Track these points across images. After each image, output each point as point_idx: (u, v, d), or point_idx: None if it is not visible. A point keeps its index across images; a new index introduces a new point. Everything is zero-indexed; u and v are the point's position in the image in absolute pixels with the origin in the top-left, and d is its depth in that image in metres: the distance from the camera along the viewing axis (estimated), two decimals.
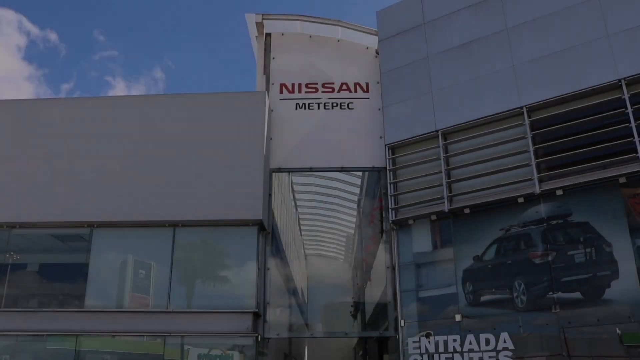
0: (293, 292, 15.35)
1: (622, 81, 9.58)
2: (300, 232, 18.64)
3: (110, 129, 12.64)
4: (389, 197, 11.63)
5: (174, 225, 11.86)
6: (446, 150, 11.23)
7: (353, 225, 17.21)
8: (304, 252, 19.68)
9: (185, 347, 11.43)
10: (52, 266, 12.97)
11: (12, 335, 11.67)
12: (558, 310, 9.60)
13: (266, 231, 11.95)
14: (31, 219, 12.13)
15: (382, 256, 12.19)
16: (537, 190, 9.91)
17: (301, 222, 18.94)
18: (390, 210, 11.57)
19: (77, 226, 12.17)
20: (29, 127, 12.87)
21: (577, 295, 9.66)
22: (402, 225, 11.57)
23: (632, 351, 10.06)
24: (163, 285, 11.63)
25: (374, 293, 13.07)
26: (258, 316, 11.23)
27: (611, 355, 10.32)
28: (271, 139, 12.81)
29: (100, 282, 11.85)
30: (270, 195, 12.28)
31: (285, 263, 14.48)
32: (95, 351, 11.97)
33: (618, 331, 9.71)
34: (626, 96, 9.47)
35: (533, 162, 10.05)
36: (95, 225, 12.07)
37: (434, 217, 11.12)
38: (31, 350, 11.76)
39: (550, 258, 9.86)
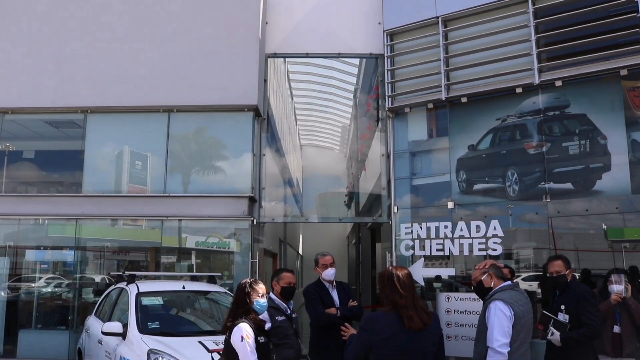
0: (288, 181, 15.54)
1: None
2: (296, 122, 18.59)
3: (101, 10, 12.13)
4: (386, 84, 11.46)
5: (168, 110, 11.72)
6: (446, 38, 10.92)
7: (349, 116, 17.14)
8: (299, 142, 19.76)
9: (183, 235, 11.72)
10: (48, 153, 12.97)
11: (14, 221, 11.89)
12: (548, 200, 9.78)
13: (262, 117, 11.86)
14: (23, 105, 11.96)
15: (377, 145, 12.22)
16: (537, 80, 9.75)
17: (297, 112, 18.84)
18: (386, 98, 11.44)
19: (70, 112, 12.02)
20: (15, 9, 12.37)
21: (568, 186, 9.82)
22: (398, 113, 11.50)
23: (615, 246, 10.43)
24: (160, 176, 11.68)
25: (369, 182, 13.24)
26: (253, 201, 11.41)
27: (595, 249, 10.70)
28: (267, 23, 12.39)
29: (96, 169, 11.90)
30: (265, 81, 12.07)
31: (280, 152, 14.53)
32: (95, 239, 12.29)
33: (604, 226, 10.00)
34: None
35: (534, 52, 9.81)
36: (89, 111, 11.93)
37: (430, 106, 11.02)
38: (33, 238, 12.05)
39: (544, 149, 9.90)
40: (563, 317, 5.20)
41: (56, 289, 12.15)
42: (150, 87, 11.64)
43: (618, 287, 5.85)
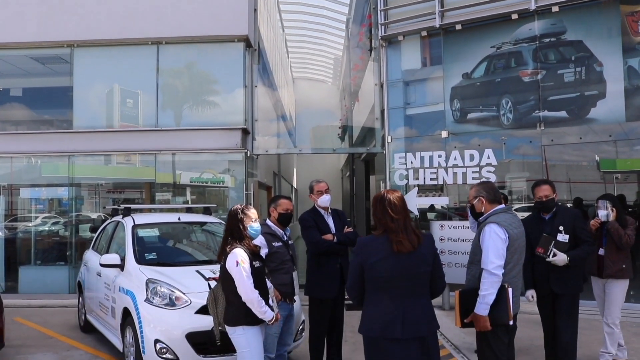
0: (282, 116, 15.45)
1: None
2: (288, 55, 18.33)
3: None
4: (379, 12, 11.16)
5: (157, 42, 11.44)
6: None
7: (341, 47, 16.88)
8: (292, 75, 19.52)
9: (177, 171, 11.69)
10: (36, 90, 12.76)
11: (6, 160, 11.82)
12: (542, 129, 9.77)
13: (252, 48, 11.61)
14: (6, 40, 11.63)
15: (370, 76, 12.06)
16: (533, 6, 9.52)
17: (288, 43, 18.52)
18: (379, 26, 11.18)
19: (56, 46, 11.75)
20: None
21: (562, 114, 9.79)
22: (391, 42, 11.27)
23: (607, 177, 10.51)
24: (151, 111, 11.53)
25: (362, 114, 13.17)
26: (246, 133, 11.33)
27: (588, 181, 10.79)
28: None
29: (86, 105, 11.73)
30: (255, 10, 11.72)
31: (272, 85, 14.35)
32: (89, 177, 12.27)
33: (597, 158, 10.03)
34: None
35: None
36: (75, 45, 11.64)
37: (424, 34, 10.80)
38: (27, 179, 12.02)
39: (539, 76, 9.81)
40: (563, 237, 5.30)
41: (53, 228, 12.24)
42: (137, 19, 11.31)
43: (602, 212, 5.94)
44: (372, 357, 3.74)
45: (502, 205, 4.52)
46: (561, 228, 5.34)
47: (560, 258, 5.25)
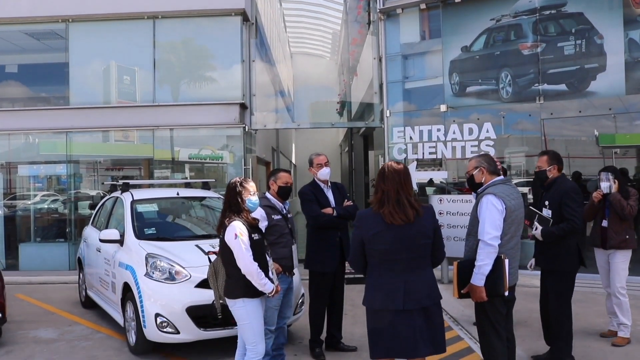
0: (280, 92, 15.36)
1: None
2: (285, 29, 18.15)
3: None
4: None
5: (153, 17, 11.29)
6: None
7: (339, 21, 16.70)
8: (290, 50, 19.35)
9: (175, 147, 11.65)
10: (31, 67, 12.65)
11: (4, 137, 11.78)
12: (542, 102, 9.72)
13: (250, 22, 11.48)
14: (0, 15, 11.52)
15: (368, 51, 11.95)
16: None
17: (286, 18, 18.32)
18: None
19: (51, 21, 11.61)
20: None
21: (562, 87, 9.74)
22: (389, 15, 11.14)
23: (606, 151, 10.50)
24: (148, 87, 11.44)
25: (360, 89, 13.09)
26: (244, 108, 11.26)
27: (587, 156, 10.78)
28: None
29: (83, 81, 11.65)
30: None
31: (270, 60, 14.24)
32: (87, 155, 12.24)
33: (596, 132, 10.01)
34: None
35: None
36: (70, 20, 11.50)
37: (423, 6, 10.68)
38: (25, 157, 11.98)
39: (539, 49, 9.73)
40: (547, 212, 5.32)
41: (52, 205, 12.24)
42: None
43: (604, 185, 5.94)
44: (376, 329, 3.76)
45: (501, 177, 4.51)
46: (547, 203, 5.35)
47: (538, 232, 5.28)
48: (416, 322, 3.65)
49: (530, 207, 5.38)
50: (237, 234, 4.16)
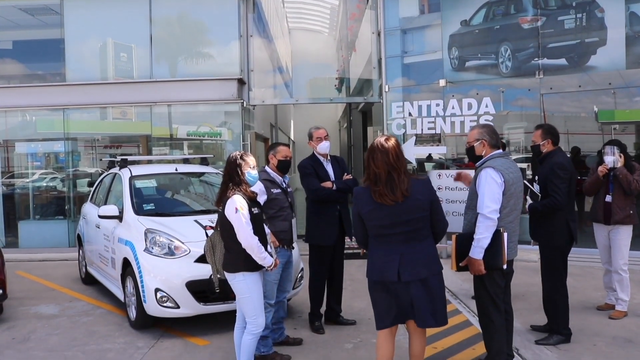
0: (278, 68, 15.24)
1: None
2: (283, 4, 17.89)
3: None
4: None
5: None
6: None
7: None
8: (287, 26, 19.13)
9: (174, 125, 11.59)
10: (27, 43, 12.54)
11: (0, 114, 11.70)
12: (541, 77, 9.66)
13: None
14: None
15: (367, 26, 11.82)
16: None
17: None
18: None
19: None
20: None
21: (561, 61, 9.67)
22: None
23: (606, 128, 10.46)
24: (145, 63, 11.33)
25: (359, 65, 12.98)
26: (242, 83, 11.17)
27: (586, 132, 10.74)
28: None
29: (79, 57, 11.54)
30: None
31: (268, 35, 14.09)
32: (85, 133, 12.18)
33: (595, 109, 9.96)
34: None
35: None
36: None
37: None
38: (23, 135, 11.93)
39: (539, 23, 9.65)
40: (536, 187, 5.33)
41: (51, 183, 12.22)
42: None
43: (609, 158, 5.90)
44: (376, 300, 3.88)
45: (500, 150, 4.49)
46: (536, 178, 5.36)
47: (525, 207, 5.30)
48: (415, 293, 3.69)
49: (525, 181, 5.39)
50: (238, 207, 4.15)
